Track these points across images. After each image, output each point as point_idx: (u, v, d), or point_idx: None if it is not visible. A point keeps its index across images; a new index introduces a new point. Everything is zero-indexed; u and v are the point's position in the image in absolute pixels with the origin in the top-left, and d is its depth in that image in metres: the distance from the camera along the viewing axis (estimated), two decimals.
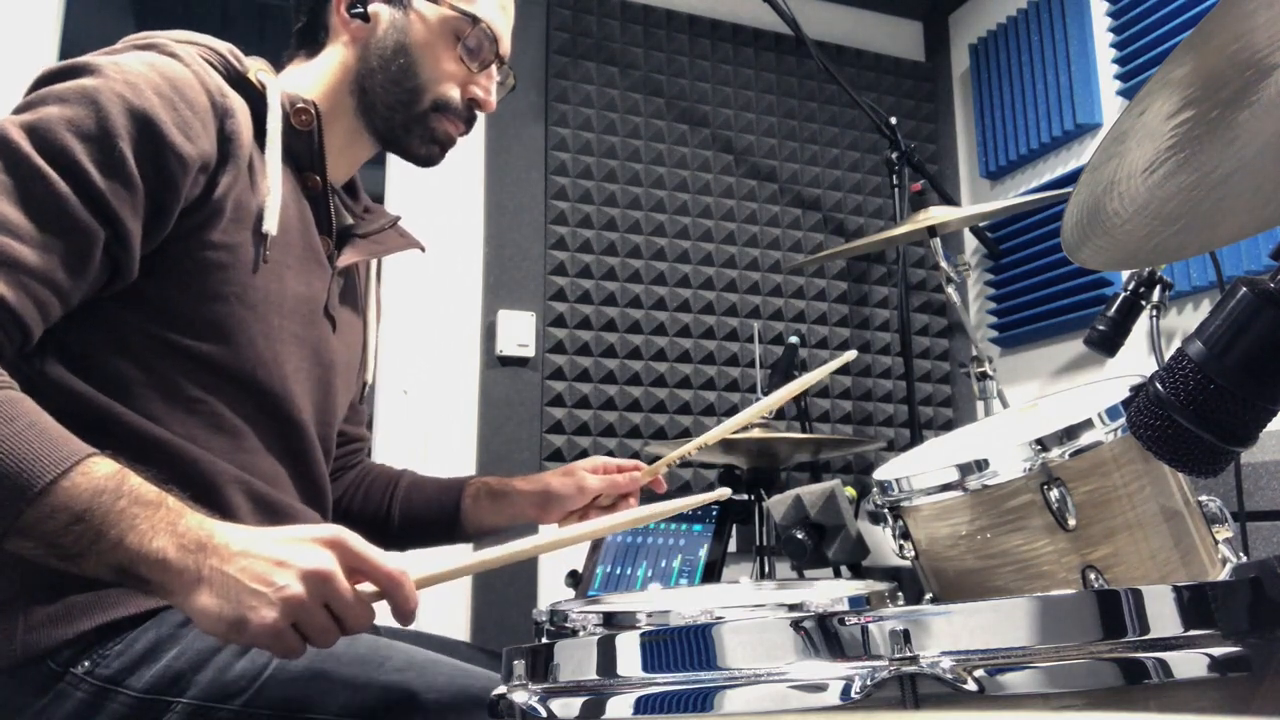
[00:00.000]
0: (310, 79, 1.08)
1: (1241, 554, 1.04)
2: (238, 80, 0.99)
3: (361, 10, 1.07)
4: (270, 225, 0.96)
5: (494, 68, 1.15)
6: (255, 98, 0.99)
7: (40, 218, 0.81)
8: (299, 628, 0.74)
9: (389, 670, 0.89)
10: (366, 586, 0.77)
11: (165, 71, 0.90)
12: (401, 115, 1.09)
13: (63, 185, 0.82)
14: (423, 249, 1.23)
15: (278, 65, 1.11)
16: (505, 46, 1.15)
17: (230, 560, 0.73)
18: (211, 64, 0.97)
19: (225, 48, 1.00)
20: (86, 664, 0.83)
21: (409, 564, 0.78)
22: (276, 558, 0.73)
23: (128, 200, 0.85)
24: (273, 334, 0.98)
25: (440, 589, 0.83)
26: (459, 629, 2.24)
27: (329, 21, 1.09)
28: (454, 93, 1.10)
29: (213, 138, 0.92)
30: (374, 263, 1.24)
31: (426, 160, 1.13)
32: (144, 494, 0.75)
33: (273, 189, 0.97)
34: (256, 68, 1.01)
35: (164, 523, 0.74)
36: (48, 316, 0.83)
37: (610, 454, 2.42)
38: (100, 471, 0.74)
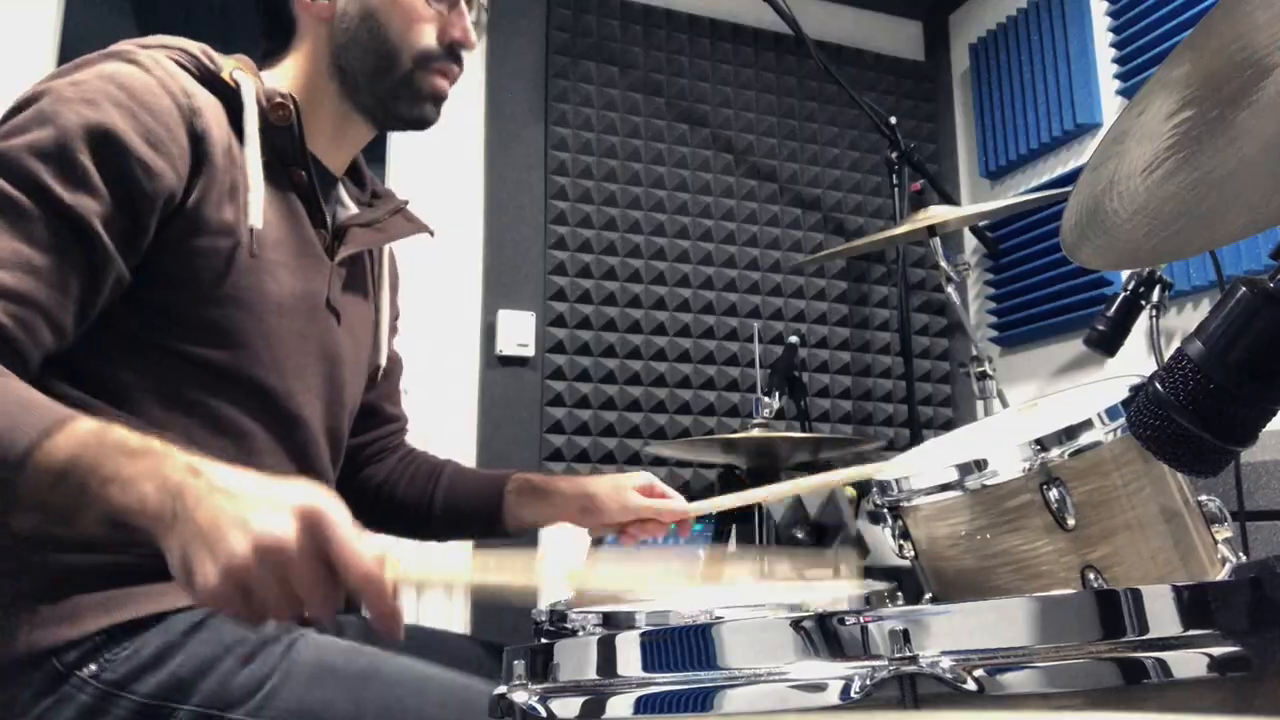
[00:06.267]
0: (288, 73, 1.07)
1: (1241, 554, 1.04)
2: (212, 80, 0.97)
3: None
4: (255, 219, 0.95)
5: (464, 5, 1.11)
6: (231, 96, 0.98)
7: (17, 243, 0.81)
8: (249, 595, 0.67)
9: (385, 684, 0.89)
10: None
11: (123, 81, 0.89)
12: (385, 81, 1.07)
13: (34, 209, 0.82)
14: (431, 233, 1.22)
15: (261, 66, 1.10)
16: None
17: (198, 507, 0.68)
18: (182, 65, 0.96)
19: (198, 48, 0.99)
20: (93, 667, 0.83)
21: (400, 559, 0.70)
22: (239, 517, 0.67)
23: (97, 213, 0.84)
24: (271, 334, 0.97)
25: (439, 588, 0.82)
26: (458, 628, 2.24)
27: (292, 11, 1.08)
28: (431, 41, 1.07)
29: (183, 141, 0.91)
30: (386, 249, 1.23)
31: (422, 121, 1.10)
32: (127, 443, 0.72)
33: (254, 184, 0.96)
34: (231, 66, 1.00)
35: (147, 468, 0.70)
36: (39, 340, 0.82)
37: (610, 454, 2.43)
38: (82, 428, 0.73)
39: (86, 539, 0.75)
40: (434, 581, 0.76)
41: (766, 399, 2.10)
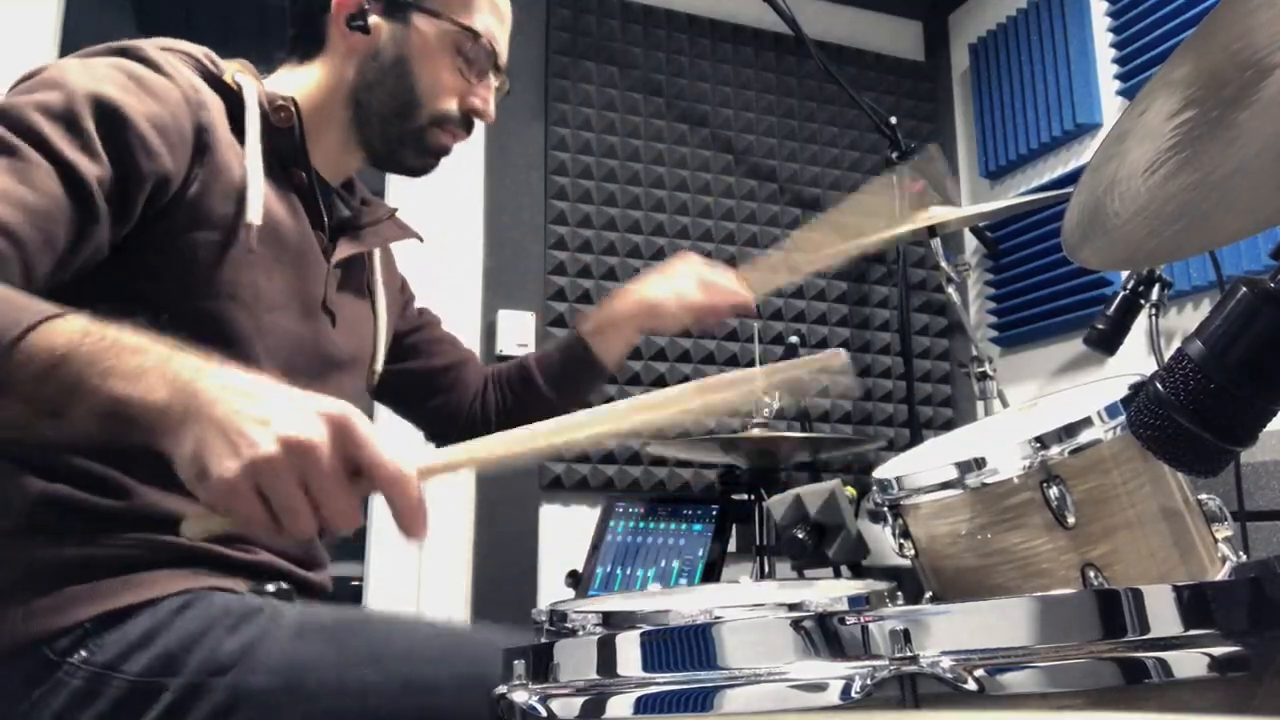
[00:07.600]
0: (301, 84, 1.08)
1: (1241, 553, 1.04)
2: (214, 82, 0.99)
3: (362, 23, 1.06)
4: (253, 215, 0.96)
5: (491, 76, 1.14)
6: (233, 98, 1.00)
7: (13, 182, 0.81)
8: (265, 497, 0.65)
9: (374, 630, 0.90)
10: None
11: (132, 71, 0.91)
12: (397, 128, 1.09)
13: (36, 156, 0.82)
14: (420, 239, 1.24)
15: (273, 67, 1.11)
16: (503, 57, 1.15)
17: (216, 405, 0.67)
18: (187, 66, 0.98)
19: (200, 51, 1.01)
20: (83, 653, 0.84)
21: (416, 458, 0.69)
22: (261, 415, 0.66)
23: (95, 173, 0.85)
24: (264, 329, 0.98)
25: (439, 588, 0.83)
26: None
27: (326, 32, 1.09)
28: (451, 105, 1.10)
29: (186, 129, 0.93)
30: (377, 253, 1.24)
31: (420, 171, 1.14)
32: (127, 339, 0.72)
33: (253, 181, 0.97)
34: (233, 69, 1.02)
35: (153, 362, 0.70)
36: (7, 274, 0.79)
37: (611, 454, 2.43)
38: (78, 321, 0.72)
39: (73, 436, 0.73)
40: (456, 465, 0.74)
41: (766, 399, 2.10)
